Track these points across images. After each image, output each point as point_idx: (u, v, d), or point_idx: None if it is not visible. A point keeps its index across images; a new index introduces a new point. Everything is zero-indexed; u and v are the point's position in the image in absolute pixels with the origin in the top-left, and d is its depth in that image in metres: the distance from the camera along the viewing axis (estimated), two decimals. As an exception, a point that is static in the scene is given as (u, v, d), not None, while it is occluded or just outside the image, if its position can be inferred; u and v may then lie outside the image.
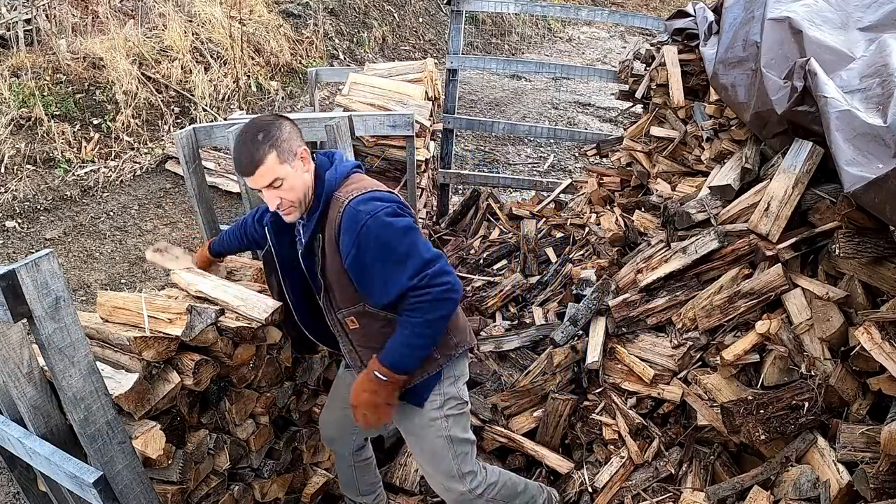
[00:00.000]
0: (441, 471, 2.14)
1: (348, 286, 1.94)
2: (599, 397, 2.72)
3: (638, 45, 4.93)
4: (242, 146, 1.83)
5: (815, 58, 2.37)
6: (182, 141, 2.86)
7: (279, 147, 1.83)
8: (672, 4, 12.50)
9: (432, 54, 9.63)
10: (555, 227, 4.57)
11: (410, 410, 2.11)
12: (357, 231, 1.81)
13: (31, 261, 1.48)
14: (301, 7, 8.56)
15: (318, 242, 1.94)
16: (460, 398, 2.14)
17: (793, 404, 2.14)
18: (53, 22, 6.74)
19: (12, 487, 3.01)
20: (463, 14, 5.28)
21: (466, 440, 2.16)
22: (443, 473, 2.14)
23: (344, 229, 1.84)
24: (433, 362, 2.04)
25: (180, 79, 6.75)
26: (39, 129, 5.67)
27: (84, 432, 1.69)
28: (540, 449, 2.73)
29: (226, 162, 5.79)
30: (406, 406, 2.10)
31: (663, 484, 2.43)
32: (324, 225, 1.91)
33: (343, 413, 2.34)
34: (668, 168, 3.76)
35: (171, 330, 1.93)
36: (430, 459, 2.15)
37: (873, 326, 1.98)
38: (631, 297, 2.80)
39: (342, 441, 2.47)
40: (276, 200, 1.87)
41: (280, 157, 1.83)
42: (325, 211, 1.91)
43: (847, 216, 2.21)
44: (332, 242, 1.89)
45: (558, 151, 7.34)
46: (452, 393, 2.11)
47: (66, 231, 5.13)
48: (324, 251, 1.93)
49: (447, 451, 2.11)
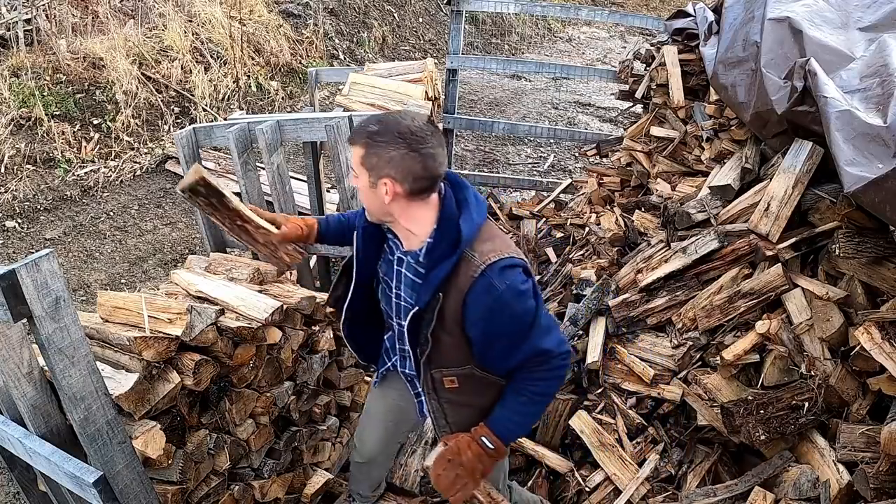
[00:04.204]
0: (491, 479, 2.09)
1: (460, 349, 1.77)
2: (599, 397, 2.72)
3: (638, 45, 4.93)
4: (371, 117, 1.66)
5: (815, 58, 2.37)
6: (182, 141, 2.86)
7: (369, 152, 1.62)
8: (672, 4, 12.50)
9: (432, 54, 9.62)
10: (555, 227, 4.57)
11: None
12: (492, 302, 1.65)
13: (31, 261, 1.48)
14: (301, 7, 8.56)
15: (438, 301, 1.69)
16: None
17: (793, 404, 2.14)
18: (53, 22, 6.73)
19: (12, 487, 3.01)
20: (463, 14, 5.28)
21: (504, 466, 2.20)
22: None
23: (476, 296, 1.66)
24: None
25: (180, 79, 6.74)
26: (39, 129, 5.67)
27: (84, 432, 1.69)
28: (540, 449, 2.73)
29: (226, 162, 5.79)
30: None
31: (663, 484, 2.43)
32: (450, 282, 1.68)
33: (391, 428, 2.28)
34: (668, 168, 3.76)
35: (171, 330, 1.93)
36: None
37: (873, 326, 1.98)
38: (631, 297, 2.80)
39: (388, 453, 2.40)
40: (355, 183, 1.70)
41: (364, 160, 1.64)
42: (456, 267, 1.67)
43: (847, 216, 2.21)
44: (456, 305, 1.69)
45: (558, 151, 7.34)
46: None
47: (66, 231, 5.13)
48: (443, 310, 1.70)
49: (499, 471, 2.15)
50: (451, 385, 1.85)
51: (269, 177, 2.91)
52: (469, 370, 1.82)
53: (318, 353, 2.64)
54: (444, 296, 1.68)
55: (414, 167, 1.60)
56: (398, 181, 1.61)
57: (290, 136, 2.93)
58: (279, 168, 2.92)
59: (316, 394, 2.70)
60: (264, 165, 2.91)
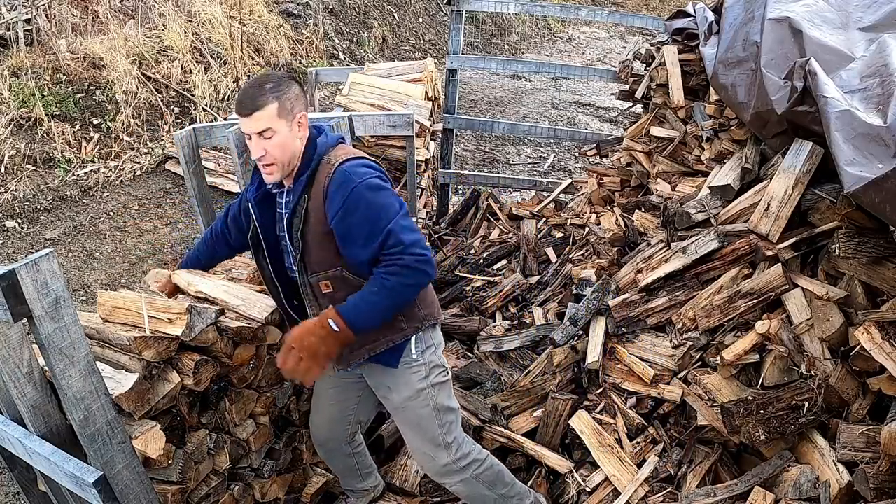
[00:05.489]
0: (427, 439, 2.19)
1: (328, 248, 1.98)
2: (599, 397, 2.72)
3: (638, 45, 4.94)
4: (249, 88, 1.90)
5: (815, 58, 2.37)
6: (182, 141, 2.86)
7: (282, 101, 1.89)
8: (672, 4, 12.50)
9: (432, 54, 9.63)
10: (555, 227, 4.57)
11: (396, 383, 2.16)
12: (348, 192, 1.89)
13: (31, 261, 1.48)
14: (301, 7, 8.56)
15: (303, 204, 1.96)
16: (443, 365, 2.22)
17: (793, 404, 2.14)
18: (53, 22, 6.73)
19: (12, 487, 3.01)
20: (463, 14, 5.28)
21: (451, 409, 2.23)
22: (428, 442, 2.20)
23: (333, 190, 1.90)
24: (399, 331, 2.09)
25: (180, 79, 6.75)
26: (39, 129, 5.67)
27: (84, 432, 1.69)
28: (540, 449, 2.73)
29: (226, 162, 5.79)
30: (390, 378, 2.16)
31: (663, 484, 2.43)
32: (311, 186, 1.96)
33: (334, 409, 2.41)
34: (668, 168, 3.76)
35: (171, 330, 1.93)
36: (417, 430, 2.21)
37: (873, 326, 1.98)
38: (631, 297, 2.80)
39: (336, 438, 2.48)
40: (261, 151, 1.91)
41: (280, 111, 1.89)
42: (314, 173, 1.96)
43: (847, 216, 2.21)
44: (318, 203, 1.93)
45: (558, 151, 7.34)
46: (435, 361, 2.18)
47: (66, 231, 5.13)
48: (307, 212, 1.96)
49: (433, 420, 2.17)
50: (327, 289, 2.03)
51: (269, 177, 2.91)
52: (339, 272, 2.00)
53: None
54: (309, 196, 1.95)
55: (304, 96, 1.98)
56: (304, 111, 1.96)
57: (290, 136, 2.92)
58: (279, 168, 2.91)
59: (316, 394, 2.71)
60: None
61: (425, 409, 2.17)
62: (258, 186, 2.09)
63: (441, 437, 2.19)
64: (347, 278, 2.01)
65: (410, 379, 2.15)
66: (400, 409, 2.21)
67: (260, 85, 1.89)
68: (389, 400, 2.22)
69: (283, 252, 2.14)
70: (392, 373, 2.15)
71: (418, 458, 2.32)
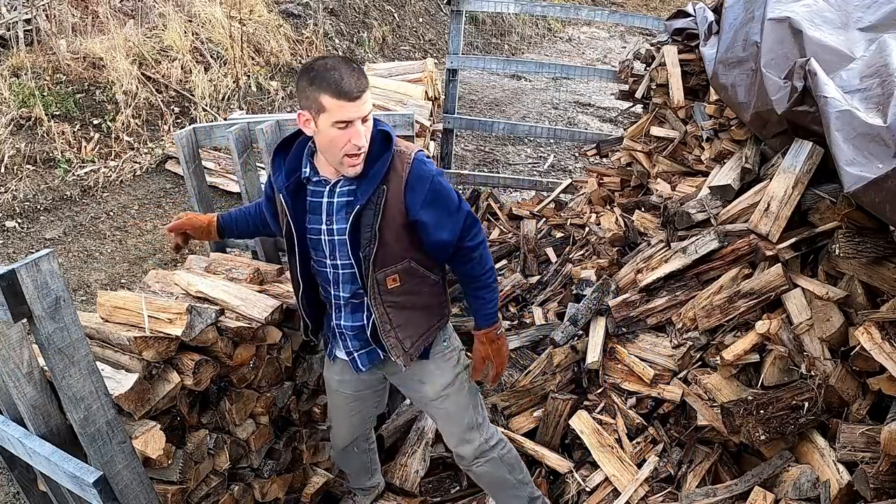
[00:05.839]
0: (464, 423, 2.23)
1: (402, 240, 1.93)
2: (599, 397, 2.72)
3: (638, 45, 4.94)
4: (350, 70, 1.74)
5: (815, 58, 2.37)
6: (182, 141, 2.85)
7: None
8: (672, 4, 12.50)
9: (432, 54, 9.62)
10: (555, 227, 4.57)
11: (430, 374, 2.18)
12: (429, 181, 1.89)
13: (31, 261, 1.48)
14: (301, 7, 8.56)
15: (381, 195, 1.86)
16: (463, 349, 2.29)
17: (793, 404, 2.14)
18: (53, 22, 6.73)
19: (12, 487, 3.01)
20: (463, 14, 5.28)
21: (478, 389, 2.31)
22: (465, 426, 2.23)
23: (415, 180, 1.87)
24: (442, 317, 2.18)
25: (180, 79, 6.74)
26: (39, 129, 5.67)
27: (84, 432, 1.69)
28: (540, 449, 2.73)
29: (226, 162, 5.79)
30: (420, 371, 2.17)
31: (663, 484, 2.43)
32: (390, 174, 1.86)
33: (355, 419, 2.39)
34: (668, 168, 3.76)
35: (171, 330, 1.93)
36: (455, 416, 2.23)
37: (873, 326, 1.98)
38: (631, 297, 2.80)
39: (358, 440, 2.49)
40: (364, 137, 1.79)
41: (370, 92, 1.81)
42: (393, 160, 1.87)
43: (847, 216, 2.21)
44: (397, 194, 1.87)
45: (558, 151, 7.34)
46: (459, 346, 2.26)
47: (66, 231, 5.13)
48: (387, 203, 1.87)
49: (469, 403, 2.23)
50: (394, 284, 1.99)
51: (269, 177, 2.91)
52: (407, 264, 1.98)
53: (318, 352, 2.65)
54: (388, 188, 1.86)
55: None
56: None
57: (290, 136, 2.92)
58: (279, 168, 2.91)
59: (316, 394, 2.70)
60: (264, 165, 2.91)
61: (462, 393, 2.21)
62: (288, 175, 1.95)
63: (475, 418, 2.25)
64: (415, 269, 2.00)
65: (445, 366, 2.18)
66: (438, 398, 2.19)
67: (347, 64, 1.75)
68: (423, 394, 2.21)
69: (313, 247, 2.02)
70: (424, 365, 2.16)
71: (454, 443, 2.28)
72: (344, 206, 1.91)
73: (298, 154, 1.97)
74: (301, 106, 1.80)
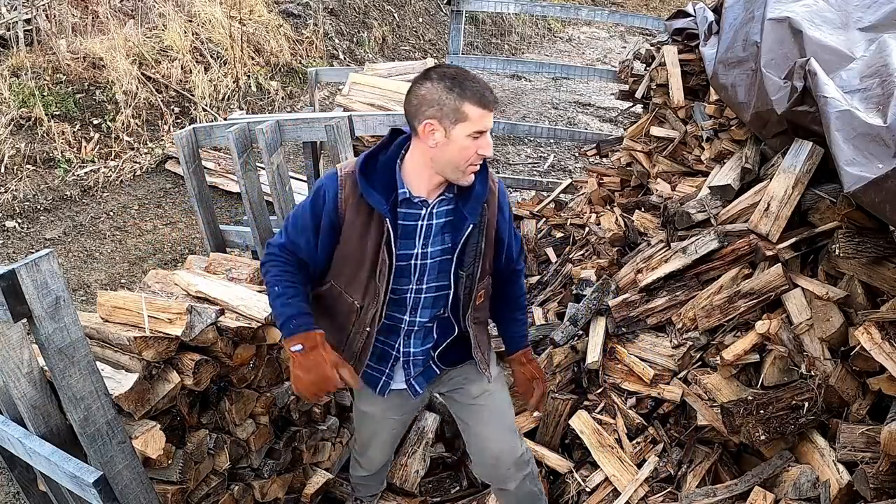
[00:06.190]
0: (507, 425, 2.18)
1: (489, 258, 1.97)
2: (599, 397, 2.72)
3: (638, 45, 4.94)
4: (478, 82, 1.70)
5: (815, 58, 2.37)
6: (182, 141, 2.86)
7: None
8: (672, 4, 12.49)
9: (432, 54, 9.62)
10: (555, 227, 4.57)
11: (474, 374, 2.12)
12: (507, 204, 1.98)
13: (31, 261, 1.48)
14: (301, 7, 8.55)
15: (485, 213, 1.87)
16: None
17: (793, 404, 2.14)
18: (53, 22, 6.73)
19: (12, 487, 3.01)
20: (463, 14, 5.28)
21: None
22: (507, 429, 2.16)
23: (503, 198, 1.96)
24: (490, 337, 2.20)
25: (180, 79, 6.74)
26: (39, 129, 5.67)
27: (84, 432, 1.69)
28: (540, 449, 2.73)
29: (226, 162, 5.79)
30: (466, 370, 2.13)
31: (663, 484, 2.43)
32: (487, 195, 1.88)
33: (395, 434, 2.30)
34: (668, 168, 3.76)
35: (171, 330, 1.93)
36: (500, 416, 2.16)
37: (873, 326, 1.98)
38: (631, 297, 2.80)
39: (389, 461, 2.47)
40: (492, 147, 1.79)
41: None
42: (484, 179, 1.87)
43: (847, 216, 2.21)
44: (493, 209, 1.92)
45: (558, 151, 7.34)
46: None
47: (66, 231, 5.13)
48: (488, 222, 1.90)
49: (510, 404, 2.23)
50: (480, 301, 2.00)
51: (269, 177, 2.91)
52: (488, 281, 2.02)
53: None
54: (488, 204, 1.88)
55: None
56: None
57: (290, 137, 2.93)
58: (279, 168, 2.92)
59: (316, 394, 2.70)
60: (264, 165, 2.91)
61: (504, 391, 2.20)
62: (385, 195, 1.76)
63: (515, 421, 2.26)
64: (489, 286, 2.04)
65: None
66: (482, 396, 2.12)
67: (478, 78, 1.72)
68: (468, 391, 2.13)
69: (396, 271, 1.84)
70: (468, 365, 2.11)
71: (498, 448, 2.12)
72: (442, 226, 1.84)
73: (390, 172, 1.80)
74: (427, 115, 1.68)
